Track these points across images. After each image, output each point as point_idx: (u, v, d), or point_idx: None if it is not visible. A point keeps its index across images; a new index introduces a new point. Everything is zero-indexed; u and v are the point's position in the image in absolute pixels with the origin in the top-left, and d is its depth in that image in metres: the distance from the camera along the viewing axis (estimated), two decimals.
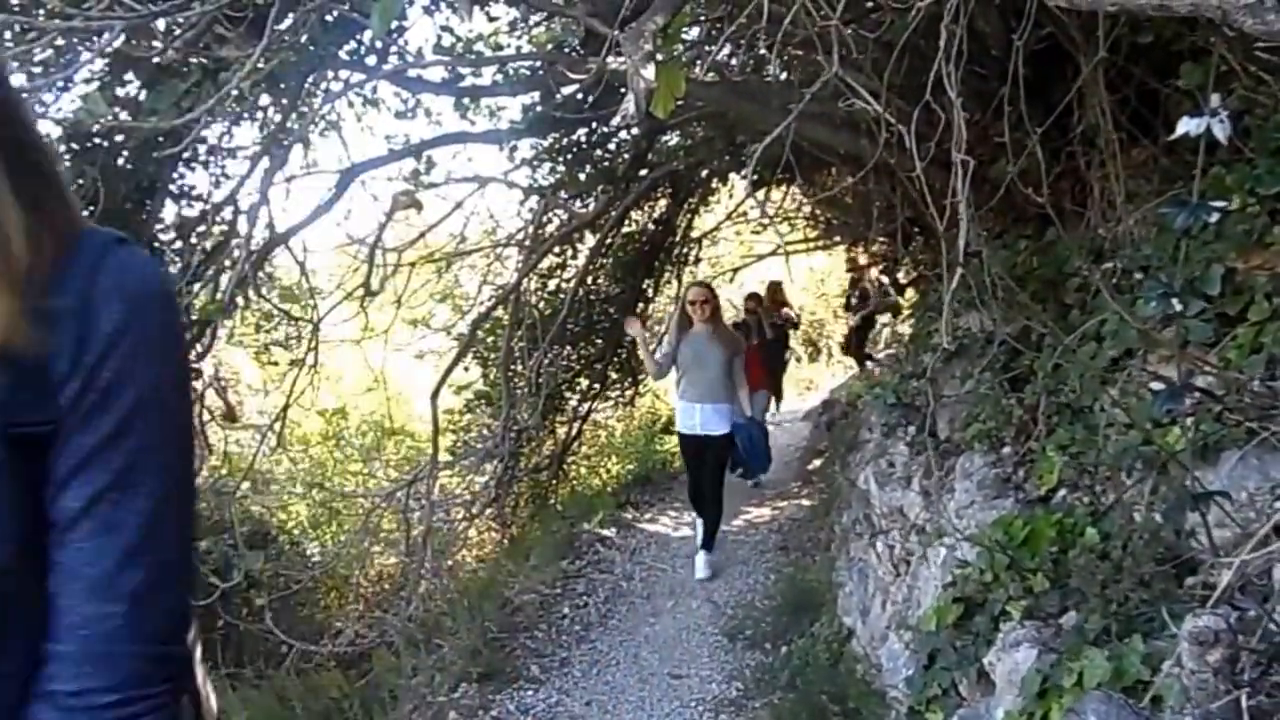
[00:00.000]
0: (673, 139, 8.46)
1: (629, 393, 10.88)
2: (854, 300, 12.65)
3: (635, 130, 6.95)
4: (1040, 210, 3.30)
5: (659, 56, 2.43)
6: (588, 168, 7.76)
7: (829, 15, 2.36)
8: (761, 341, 9.29)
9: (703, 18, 6.25)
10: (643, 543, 7.80)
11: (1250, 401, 2.42)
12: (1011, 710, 2.40)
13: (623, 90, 2.33)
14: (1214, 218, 1.82)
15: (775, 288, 10.85)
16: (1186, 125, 1.73)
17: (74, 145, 4.42)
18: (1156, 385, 2.38)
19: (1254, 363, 2.48)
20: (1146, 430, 2.65)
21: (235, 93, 4.14)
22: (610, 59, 2.57)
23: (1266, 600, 1.91)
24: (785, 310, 10.96)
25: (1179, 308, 1.93)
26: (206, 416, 6.12)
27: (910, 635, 3.28)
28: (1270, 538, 1.84)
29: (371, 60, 5.00)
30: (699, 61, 5.89)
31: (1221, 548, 2.18)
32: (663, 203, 9.81)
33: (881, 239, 9.12)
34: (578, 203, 8.27)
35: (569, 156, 7.69)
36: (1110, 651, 2.17)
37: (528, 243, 8.27)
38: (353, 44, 4.81)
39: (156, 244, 5.08)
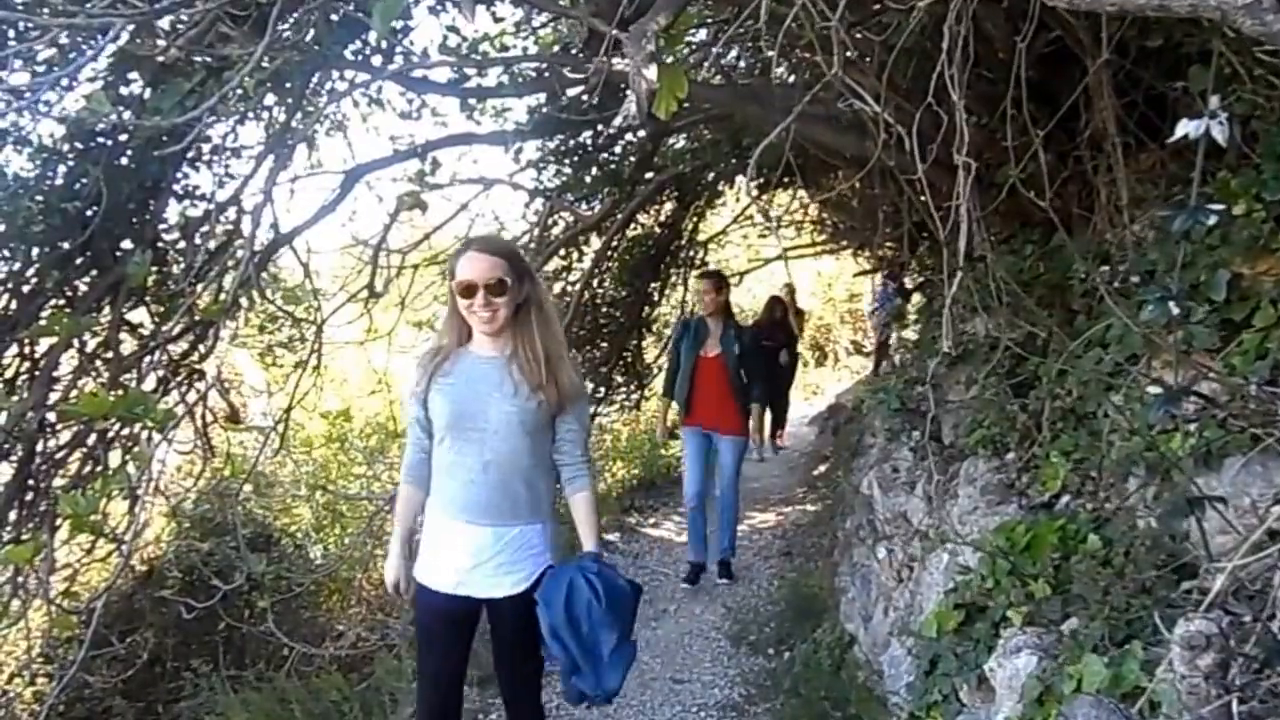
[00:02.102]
0: (679, 142, 8.45)
1: (634, 397, 10.82)
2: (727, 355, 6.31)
3: (641, 133, 6.94)
4: (1046, 215, 3.28)
5: (662, 57, 2.42)
6: (593, 170, 7.74)
7: (830, 17, 2.34)
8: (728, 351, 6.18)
9: (709, 20, 6.25)
10: (646, 547, 7.79)
11: (1254, 408, 2.40)
12: (1011, 716, 2.39)
13: (626, 92, 2.32)
14: (1211, 220, 1.81)
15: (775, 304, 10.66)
16: (1186, 127, 1.72)
17: (77, 144, 4.42)
18: (1159, 391, 2.36)
19: (1259, 369, 2.47)
20: (1150, 436, 2.64)
21: (239, 92, 4.14)
22: (613, 59, 2.55)
23: (1262, 605, 1.88)
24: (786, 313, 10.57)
25: (1176, 312, 1.91)
26: (209, 418, 6.11)
27: (912, 641, 3.25)
28: (1265, 543, 1.82)
29: (376, 60, 4.98)
30: (705, 63, 5.89)
31: (1222, 554, 2.16)
32: (669, 206, 9.79)
33: (888, 244, 9.10)
34: (583, 205, 8.26)
35: (575, 159, 7.67)
36: (1109, 658, 2.15)
37: (533, 245, 8.26)
38: (357, 43, 4.79)
39: (160, 244, 5.08)
